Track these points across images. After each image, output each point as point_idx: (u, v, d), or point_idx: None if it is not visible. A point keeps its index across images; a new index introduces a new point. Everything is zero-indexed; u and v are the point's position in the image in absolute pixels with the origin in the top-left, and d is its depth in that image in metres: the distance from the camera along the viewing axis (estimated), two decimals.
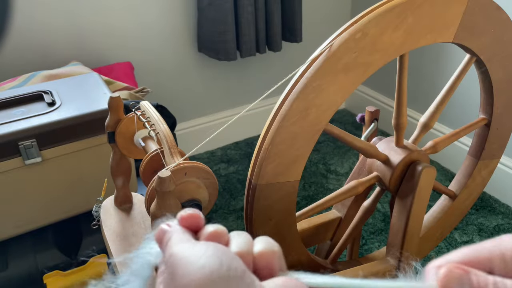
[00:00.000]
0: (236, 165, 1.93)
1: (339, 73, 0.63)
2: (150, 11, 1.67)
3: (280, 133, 0.63)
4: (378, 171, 0.78)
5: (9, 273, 1.03)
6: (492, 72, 0.79)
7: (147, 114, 0.63)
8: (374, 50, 0.64)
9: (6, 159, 0.97)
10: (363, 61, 0.64)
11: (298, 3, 1.78)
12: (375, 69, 0.66)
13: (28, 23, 1.46)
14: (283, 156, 0.65)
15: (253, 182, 0.65)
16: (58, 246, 1.09)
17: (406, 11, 0.64)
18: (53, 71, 1.30)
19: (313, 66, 0.62)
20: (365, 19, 0.62)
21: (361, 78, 0.66)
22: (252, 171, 0.65)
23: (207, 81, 1.92)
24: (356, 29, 0.62)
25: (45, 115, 1.02)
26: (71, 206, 1.09)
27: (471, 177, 0.90)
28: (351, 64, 0.63)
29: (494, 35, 0.75)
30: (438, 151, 0.81)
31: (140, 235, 0.69)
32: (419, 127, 0.81)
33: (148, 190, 0.53)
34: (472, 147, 0.90)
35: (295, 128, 0.63)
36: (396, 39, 0.65)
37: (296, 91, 0.62)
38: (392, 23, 0.64)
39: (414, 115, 1.89)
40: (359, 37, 0.62)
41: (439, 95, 0.80)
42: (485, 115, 0.85)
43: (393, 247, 0.79)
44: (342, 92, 0.65)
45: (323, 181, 1.81)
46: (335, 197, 0.76)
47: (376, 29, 0.63)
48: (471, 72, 0.82)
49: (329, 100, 0.64)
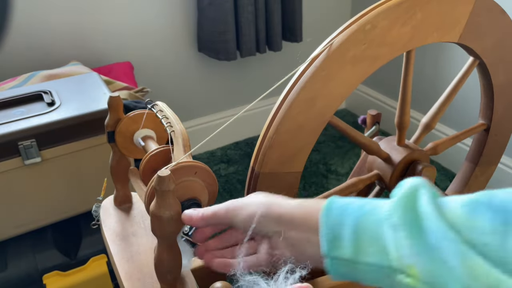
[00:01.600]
0: (236, 165, 1.93)
1: (347, 64, 0.63)
2: (150, 11, 1.66)
3: (286, 122, 0.62)
4: (379, 169, 0.77)
5: (8, 273, 1.03)
6: (494, 77, 0.79)
7: (164, 112, 0.63)
8: (383, 43, 0.64)
9: (6, 159, 0.97)
10: (371, 54, 0.64)
11: (298, 3, 1.77)
12: (382, 63, 0.66)
13: (27, 23, 1.46)
14: (287, 146, 0.64)
15: (255, 170, 0.64)
16: (57, 246, 1.09)
17: (415, 7, 0.64)
18: (52, 71, 1.29)
19: (321, 55, 0.62)
20: (375, 11, 0.63)
21: (367, 71, 0.66)
22: (255, 160, 0.64)
23: (207, 81, 1.92)
24: (366, 21, 0.62)
25: (45, 115, 1.02)
26: (70, 206, 1.09)
27: (467, 185, 0.90)
28: (359, 56, 0.63)
29: (498, 38, 0.75)
30: (438, 153, 0.81)
31: (140, 234, 0.69)
32: (420, 127, 0.81)
33: (147, 189, 0.53)
34: (470, 152, 0.90)
35: (301, 118, 0.63)
36: (404, 34, 0.65)
37: (303, 80, 0.62)
38: (401, 18, 0.64)
39: (416, 116, 1.89)
40: (368, 29, 0.62)
41: (442, 96, 0.80)
42: (484, 120, 0.85)
43: None
44: (348, 85, 0.65)
45: (323, 181, 1.80)
46: (335, 193, 0.76)
47: (385, 22, 0.63)
48: (474, 75, 0.82)
49: (335, 91, 0.64)
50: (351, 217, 0.44)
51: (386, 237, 0.41)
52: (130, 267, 0.63)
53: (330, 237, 0.44)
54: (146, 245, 0.67)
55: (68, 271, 1.04)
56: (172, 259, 0.55)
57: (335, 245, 0.44)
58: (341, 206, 0.45)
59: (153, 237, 0.67)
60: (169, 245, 0.54)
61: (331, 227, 0.44)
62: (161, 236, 0.52)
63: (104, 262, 1.06)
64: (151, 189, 0.52)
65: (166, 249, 0.54)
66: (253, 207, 0.49)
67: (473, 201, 0.40)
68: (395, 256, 0.40)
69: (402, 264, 0.39)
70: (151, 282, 0.61)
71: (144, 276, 0.62)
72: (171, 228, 0.51)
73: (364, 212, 0.44)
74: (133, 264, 0.64)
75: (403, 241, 0.40)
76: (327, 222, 0.45)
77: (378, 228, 0.42)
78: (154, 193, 0.50)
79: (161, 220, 0.50)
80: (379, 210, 0.43)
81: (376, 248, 0.42)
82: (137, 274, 0.62)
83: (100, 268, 1.05)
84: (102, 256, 1.07)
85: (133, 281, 0.61)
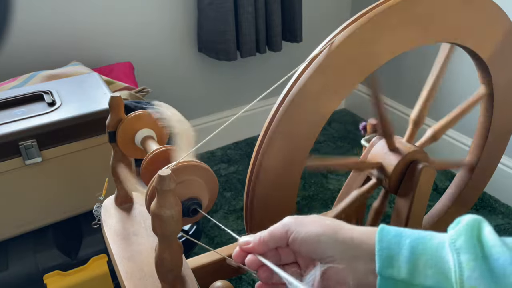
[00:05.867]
0: (236, 165, 1.93)
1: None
2: (150, 11, 1.67)
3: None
4: (376, 177, 0.78)
5: (9, 273, 1.03)
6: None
7: (165, 112, 0.63)
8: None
9: (6, 159, 0.97)
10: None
11: (298, 3, 1.78)
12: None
13: (28, 23, 1.46)
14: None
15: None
16: (58, 246, 1.09)
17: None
18: (53, 71, 1.30)
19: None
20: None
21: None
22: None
23: (207, 81, 1.93)
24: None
25: (45, 115, 1.02)
26: (71, 206, 1.09)
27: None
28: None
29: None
30: (438, 139, 0.81)
31: (141, 234, 0.70)
32: (410, 123, 0.81)
33: (148, 189, 0.53)
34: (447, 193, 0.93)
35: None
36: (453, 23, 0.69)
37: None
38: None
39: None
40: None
41: (425, 86, 0.80)
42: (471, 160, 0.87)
43: None
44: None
45: (323, 181, 1.81)
46: (339, 214, 0.77)
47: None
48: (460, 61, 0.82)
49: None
50: (409, 239, 0.43)
51: (447, 259, 0.41)
52: (131, 267, 0.64)
53: (384, 255, 0.43)
54: (147, 244, 0.67)
55: (68, 271, 1.04)
56: (173, 258, 0.55)
57: (390, 264, 0.42)
58: (397, 229, 0.44)
59: (153, 236, 0.67)
60: (170, 244, 0.54)
61: (387, 245, 0.43)
62: (162, 236, 0.53)
63: (105, 262, 1.06)
64: (152, 189, 0.52)
65: (167, 248, 0.54)
66: (315, 226, 0.46)
67: None
68: (457, 278, 0.39)
69: (464, 286, 0.39)
70: (152, 281, 0.61)
71: (145, 276, 0.62)
72: (171, 227, 0.51)
73: (423, 236, 0.43)
74: (134, 263, 0.64)
75: (466, 263, 0.39)
76: (382, 240, 0.43)
77: (439, 251, 0.41)
78: (155, 193, 0.50)
79: (161, 220, 0.50)
80: (440, 236, 0.43)
81: (435, 270, 0.41)
82: (138, 273, 0.62)
83: (101, 268, 1.05)
84: (102, 255, 1.07)
85: (134, 281, 0.61)
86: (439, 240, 0.42)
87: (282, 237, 0.47)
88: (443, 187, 1.74)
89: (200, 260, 0.75)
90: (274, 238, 0.47)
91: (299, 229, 0.46)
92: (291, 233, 0.46)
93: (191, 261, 0.75)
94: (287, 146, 0.65)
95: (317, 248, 0.45)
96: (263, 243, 0.47)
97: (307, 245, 0.45)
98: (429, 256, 0.41)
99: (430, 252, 0.42)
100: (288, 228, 0.47)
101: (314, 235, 0.45)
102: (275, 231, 0.47)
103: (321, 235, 0.45)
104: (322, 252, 0.45)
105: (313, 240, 0.45)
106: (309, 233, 0.45)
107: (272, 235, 0.47)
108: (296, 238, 0.46)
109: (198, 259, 0.76)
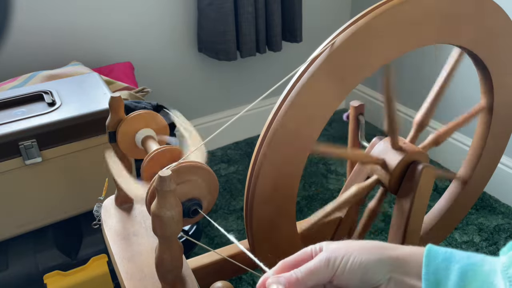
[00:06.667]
0: (236, 165, 1.93)
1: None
2: (150, 11, 1.67)
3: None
4: (377, 173, 0.78)
5: (9, 273, 1.03)
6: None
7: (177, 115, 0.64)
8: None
9: (6, 159, 0.97)
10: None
11: (298, 3, 1.78)
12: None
13: (28, 23, 1.46)
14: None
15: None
16: (58, 246, 1.09)
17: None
18: (53, 71, 1.30)
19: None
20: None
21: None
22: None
23: (207, 81, 1.93)
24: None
25: (45, 115, 1.02)
26: (71, 206, 1.09)
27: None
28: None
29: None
30: (439, 144, 0.81)
31: (141, 234, 0.70)
32: (414, 125, 0.81)
33: (148, 189, 0.53)
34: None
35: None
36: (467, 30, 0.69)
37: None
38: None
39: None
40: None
41: (432, 91, 0.80)
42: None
43: None
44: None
45: (323, 181, 1.81)
46: (338, 206, 0.77)
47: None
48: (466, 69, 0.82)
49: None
50: (458, 264, 0.41)
51: (499, 287, 0.39)
52: (131, 267, 0.63)
53: (432, 281, 0.41)
54: (147, 245, 0.67)
55: (68, 271, 1.04)
56: (173, 259, 0.55)
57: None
58: (446, 251, 0.42)
59: (154, 237, 0.67)
60: (170, 245, 0.54)
61: (435, 270, 0.41)
62: (162, 236, 0.53)
63: (105, 262, 1.06)
64: (152, 190, 0.52)
65: (167, 249, 0.54)
66: (359, 254, 0.43)
67: None
68: None
69: None
70: (152, 282, 0.61)
71: (145, 276, 0.62)
72: (172, 228, 0.51)
73: (473, 261, 0.41)
74: (134, 263, 0.64)
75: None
76: (429, 264, 0.42)
77: (490, 278, 0.40)
78: (155, 193, 0.50)
79: (162, 220, 0.50)
80: (492, 262, 0.41)
81: None
82: (138, 273, 0.62)
83: (101, 268, 1.05)
84: (102, 255, 1.07)
85: (134, 281, 0.61)
86: (490, 266, 0.41)
87: (324, 273, 0.43)
88: (443, 187, 1.74)
89: (201, 261, 0.75)
90: (315, 275, 0.43)
91: (344, 261, 0.43)
92: (338, 268, 0.42)
93: (191, 261, 0.75)
94: (288, 147, 0.65)
95: (364, 276, 0.42)
96: (302, 281, 0.42)
97: (355, 275, 0.42)
98: (479, 283, 0.40)
99: (480, 279, 0.40)
100: (328, 261, 0.43)
101: (361, 263, 0.42)
102: (317, 268, 0.42)
103: (368, 262, 0.42)
104: (370, 278, 0.43)
105: (361, 269, 0.42)
106: (356, 262, 0.42)
107: (314, 272, 0.43)
108: (343, 272, 0.42)
109: (199, 259, 0.76)
